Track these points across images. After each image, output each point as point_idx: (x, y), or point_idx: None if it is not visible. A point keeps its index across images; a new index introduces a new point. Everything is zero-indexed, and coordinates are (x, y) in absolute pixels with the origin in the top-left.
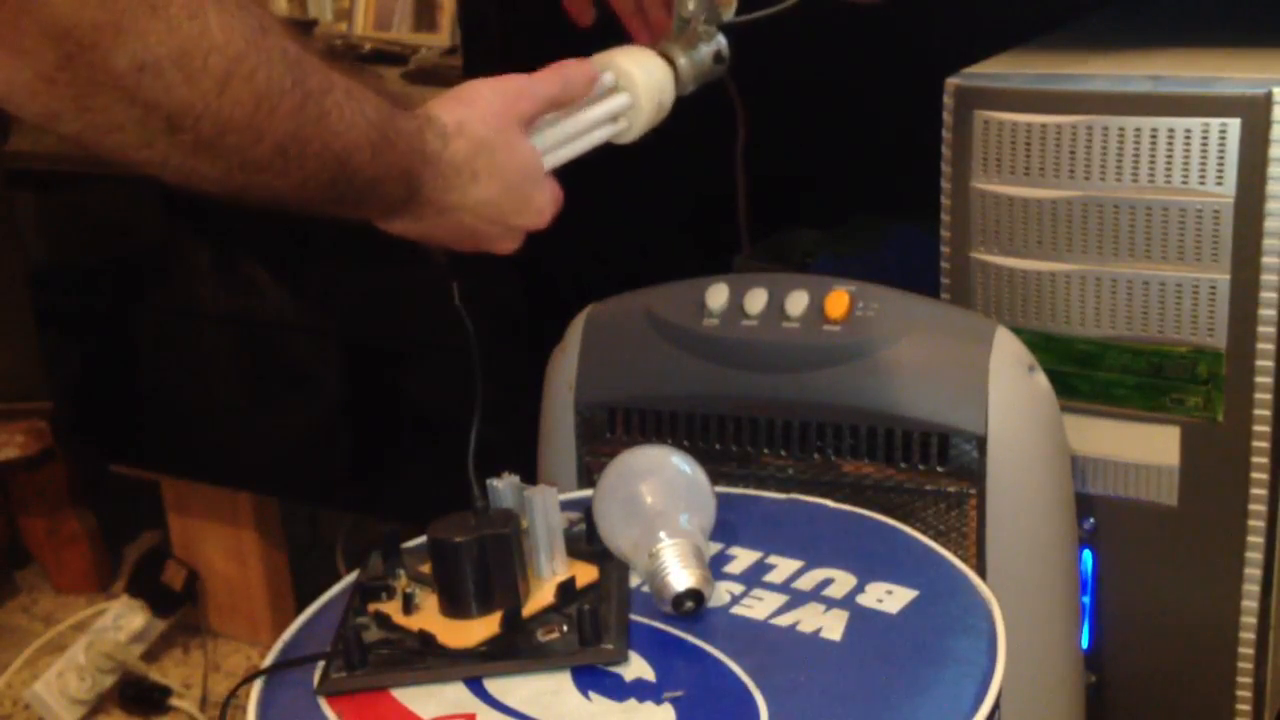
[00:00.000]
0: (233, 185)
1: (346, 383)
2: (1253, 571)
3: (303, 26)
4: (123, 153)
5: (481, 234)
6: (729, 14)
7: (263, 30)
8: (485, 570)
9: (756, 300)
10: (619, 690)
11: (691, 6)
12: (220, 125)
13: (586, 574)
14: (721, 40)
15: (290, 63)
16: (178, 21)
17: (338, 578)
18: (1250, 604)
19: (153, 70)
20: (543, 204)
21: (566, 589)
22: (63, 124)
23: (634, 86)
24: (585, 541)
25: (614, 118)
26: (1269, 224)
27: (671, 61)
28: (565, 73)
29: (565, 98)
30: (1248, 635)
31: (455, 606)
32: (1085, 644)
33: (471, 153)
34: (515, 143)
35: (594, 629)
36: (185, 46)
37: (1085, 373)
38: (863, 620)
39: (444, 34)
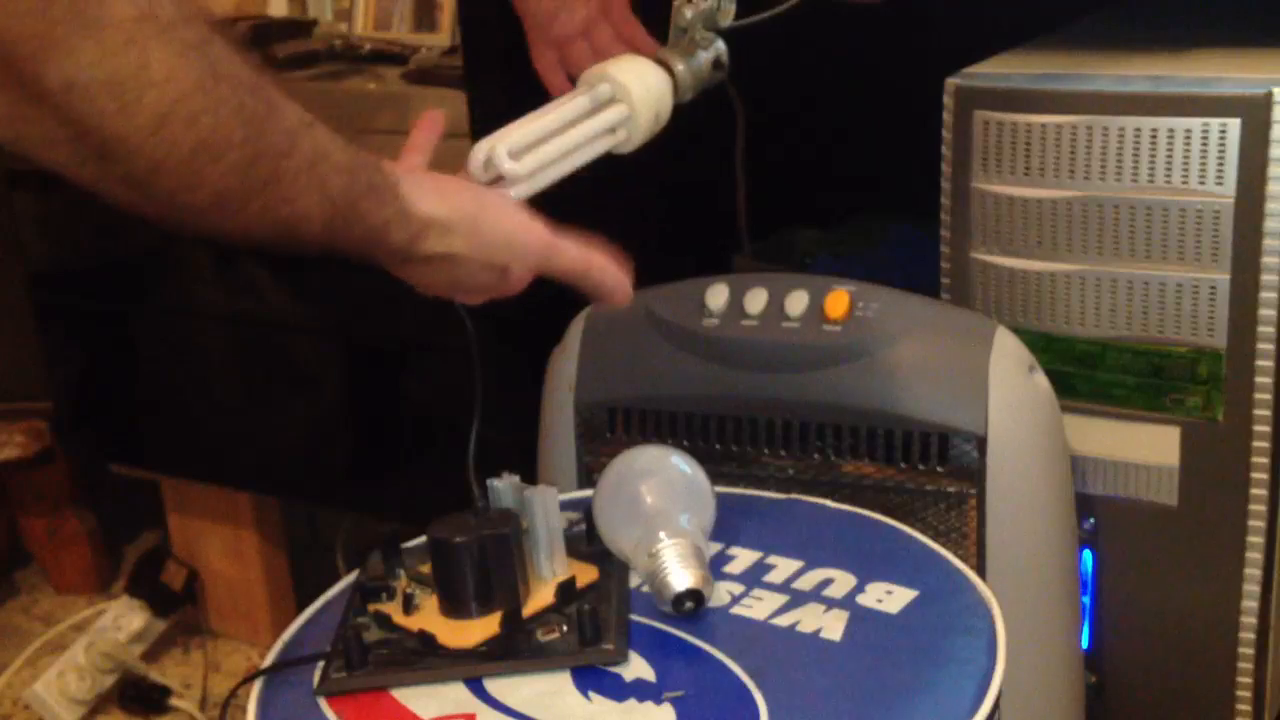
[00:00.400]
0: (171, 222)
1: (346, 383)
2: (1253, 571)
3: (302, 27)
4: (58, 167)
5: (451, 293)
6: (727, 21)
7: (215, 77)
8: (485, 570)
9: (756, 300)
10: (619, 690)
11: (689, 15)
12: (153, 165)
13: (586, 574)
14: (720, 47)
15: (246, 117)
16: (112, 46)
17: (338, 578)
18: (1250, 604)
19: (82, 91)
20: (520, 274)
21: (566, 589)
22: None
23: (631, 99)
24: (585, 541)
25: (612, 129)
26: (1269, 224)
27: (670, 69)
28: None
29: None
30: (1248, 635)
31: (455, 606)
32: (1085, 644)
33: (446, 247)
34: (502, 221)
35: (594, 629)
36: (119, 75)
37: (1085, 373)
38: (863, 620)
39: (444, 34)
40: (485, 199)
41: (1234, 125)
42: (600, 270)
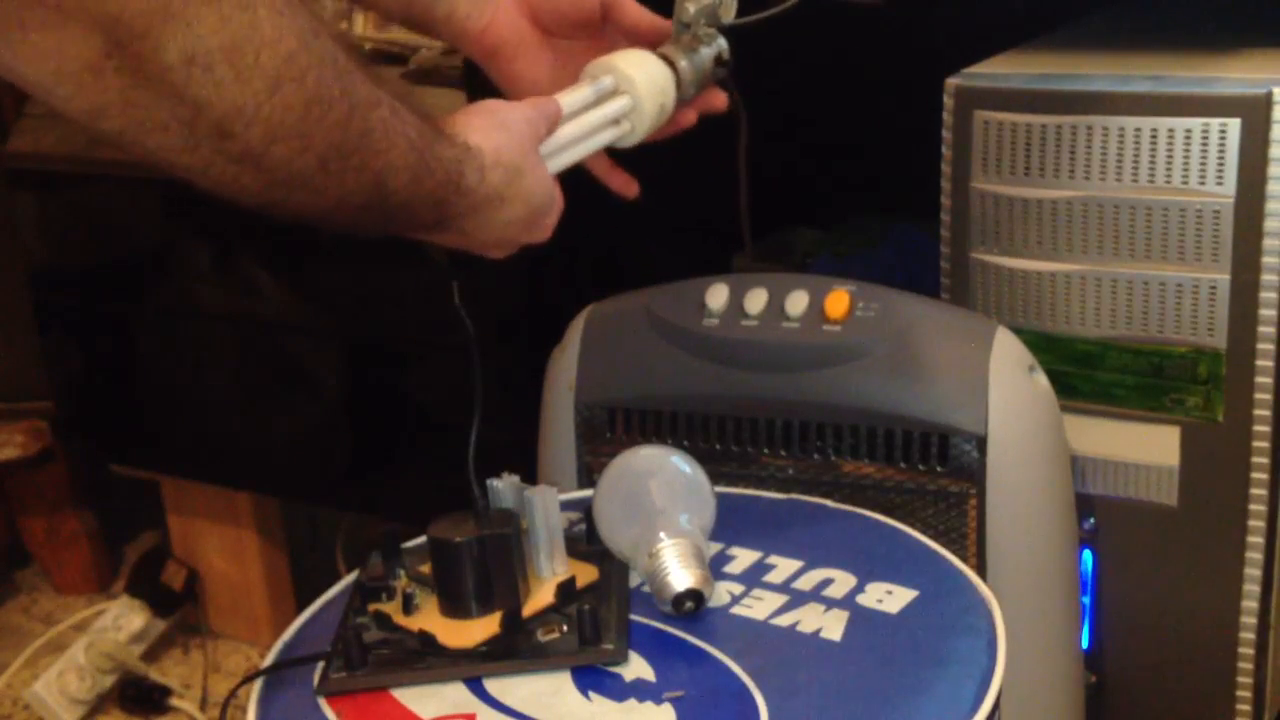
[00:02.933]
0: (270, 199)
1: (346, 383)
2: (1253, 571)
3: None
4: (164, 154)
5: (489, 247)
6: (729, 17)
7: (314, 32)
8: (485, 570)
9: (756, 300)
10: (619, 690)
11: (692, 10)
12: (270, 132)
13: (586, 574)
14: (722, 43)
15: (340, 71)
16: (229, 12)
17: (338, 578)
18: (1250, 604)
19: (203, 63)
20: (551, 222)
21: (566, 589)
22: (106, 120)
23: (635, 90)
24: (585, 541)
25: (616, 121)
26: (1269, 224)
27: (673, 65)
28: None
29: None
30: (1248, 635)
31: (455, 606)
32: (1085, 644)
33: (504, 182)
34: (539, 169)
35: (594, 629)
36: (236, 40)
37: (1085, 373)
38: (863, 620)
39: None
40: (516, 131)
41: (1234, 125)
42: None
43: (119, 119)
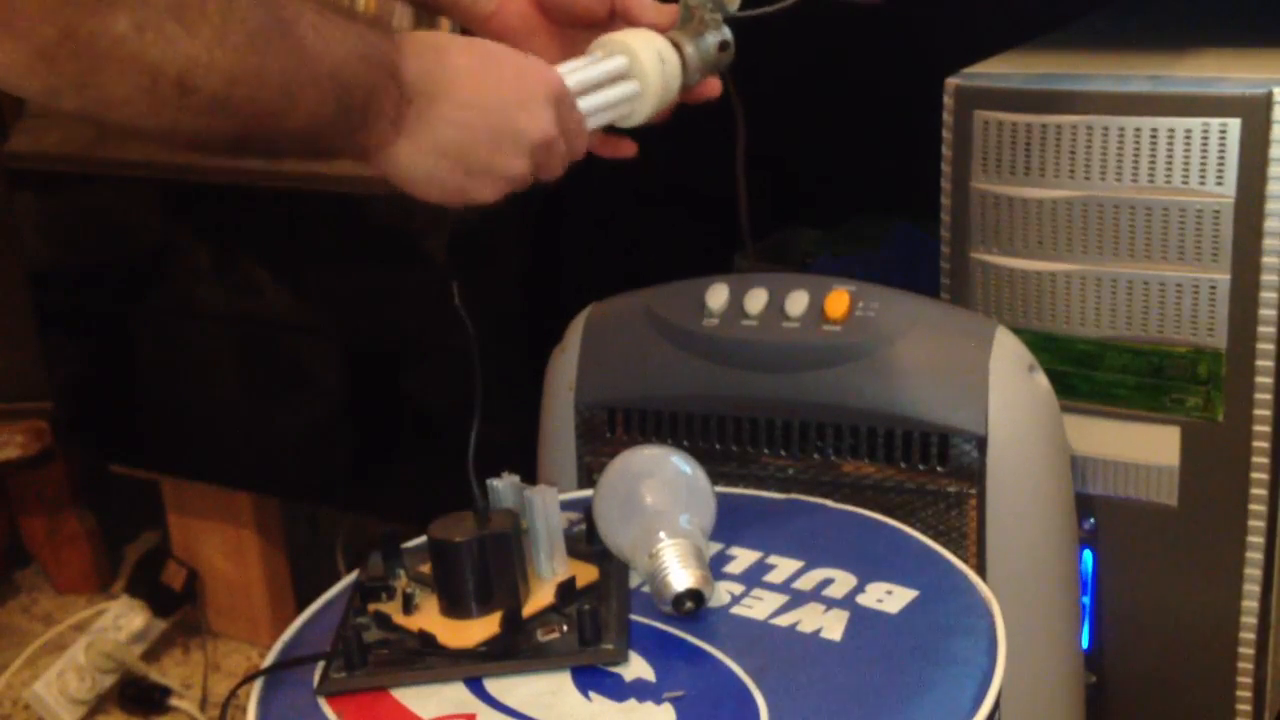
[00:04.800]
0: (244, 138)
1: (346, 383)
2: (1253, 571)
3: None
4: (129, 123)
5: (478, 158)
6: (734, 4)
7: None
8: (485, 570)
9: (756, 300)
10: (619, 690)
11: None
12: (228, 76)
13: (586, 574)
14: (727, 30)
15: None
16: None
17: (338, 578)
18: (1250, 604)
19: (154, 27)
20: (549, 120)
21: (566, 589)
22: (63, 100)
23: (643, 70)
24: (585, 541)
25: (621, 100)
26: (1269, 224)
27: (679, 48)
28: None
29: None
30: (1248, 635)
31: (455, 606)
32: (1085, 644)
33: (452, 45)
34: (506, 48)
35: (594, 629)
36: None
37: (1085, 373)
38: (863, 620)
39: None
40: (486, 43)
41: (1234, 125)
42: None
43: (75, 98)
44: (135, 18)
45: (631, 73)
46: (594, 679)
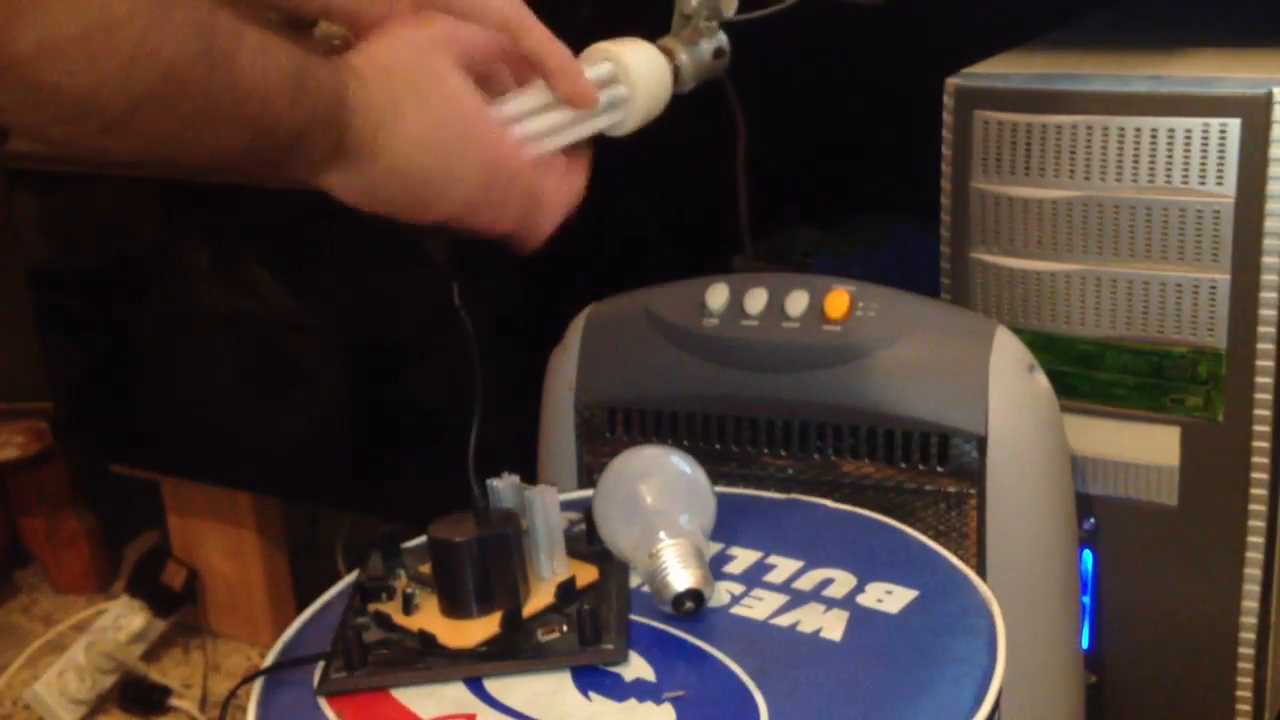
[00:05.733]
0: (147, 158)
1: (346, 383)
2: (1253, 571)
3: (302, 26)
4: (31, 129)
5: (414, 184)
6: (730, 11)
7: (168, 4)
8: (485, 570)
9: (756, 300)
10: (619, 690)
11: (694, 3)
12: (130, 103)
13: (586, 574)
14: (722, 37)
15: (198, 29)
16: (79, 2)
17: (338, 578)
18: (1250, 604)
19: (56, 53)
20: (497, 159)
21: (566, 589)
22: None
23: (631, 80)
24: (585, 541)
25: (608, 109)
26: (1269, 224)
27: (672, 57)
28: (519, 22)
29: (515, 49)
30: (1248, 635)
31: (455, 606)
32: (1085, 644)
33: (391, 84)
34: (444, 74)
35: (594, 629)
36: (88, 27)
37: (1085, 373)
38: (863, 620)
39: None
40: (434, 63)
41: (1234, 125)
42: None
43: None
44: (38, 39)
45: (619, 82)
46: (594, 679)
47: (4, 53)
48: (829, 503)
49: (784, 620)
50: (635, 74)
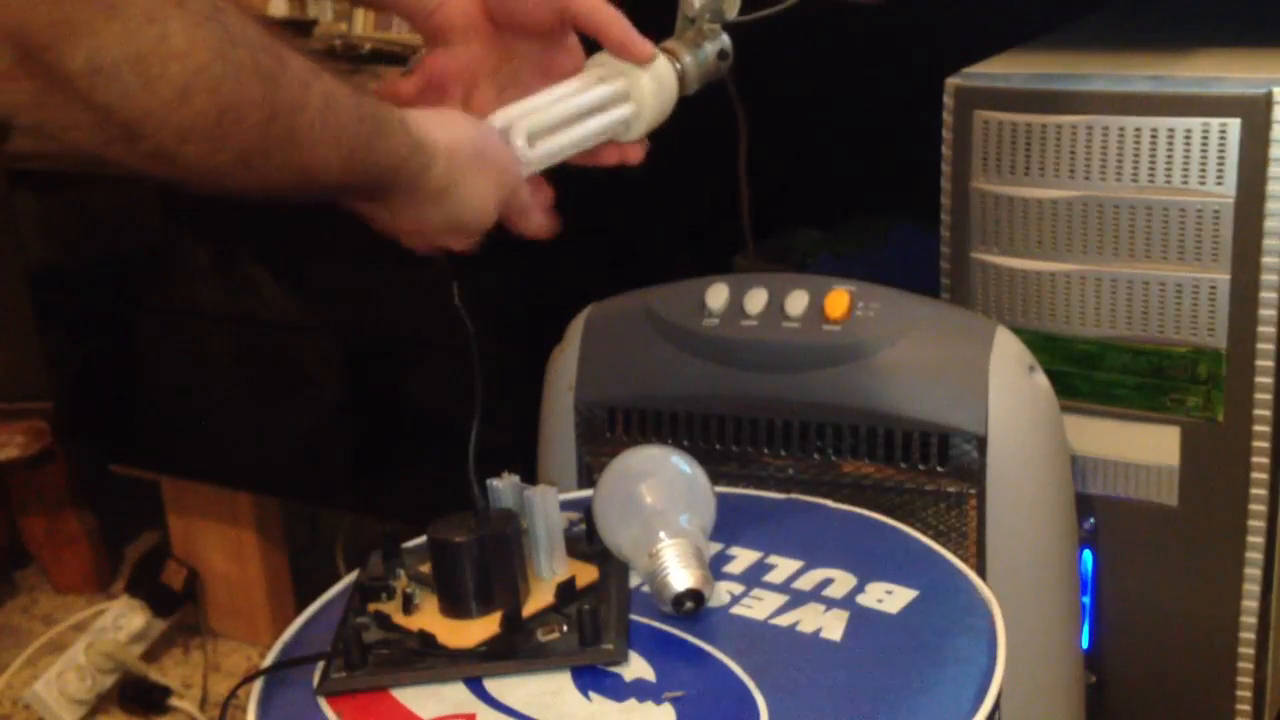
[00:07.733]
0: (192, 184)
1: (346, 383)
2: (1253, 571)
3: (302, 27)
4: (81, 146)
5: (413, 235)
6: (733, 13)
7: (231, 43)
8: (485, 570)
9: (756, 300)
10: (619, 690)
11: (697, 5)
12: (181, 135)
13: (586, 574)
14: (725, 39)
15: (263, 76)
16: (135, 25)
17: (338, 578)
18: (1250, 604)
19: (107, 74)
20: (476, 229)
21: (566, 589)
22: (21, 117)
23: (641, 91)
24: (585, 541)
25: (618, 122)
26: (1269, 224)
27: (677, 59)
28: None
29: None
30: (1248, 635)
31: (455, 606)
32: (1085, 644)
33: (452, 179)
34: (498, 147)
35: (594, 629)
36: (142, 52)
37: (1085, 373)
38: (863, 620)
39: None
40: (483, 128)
41: (1234, 125)
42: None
43: (33, 115)
44: (91, 60)
45: (628, 92)
46: (594, 679)
47: (56, 70)
48: (829, 503)
49: (784, 620)
50: (646, 88)
